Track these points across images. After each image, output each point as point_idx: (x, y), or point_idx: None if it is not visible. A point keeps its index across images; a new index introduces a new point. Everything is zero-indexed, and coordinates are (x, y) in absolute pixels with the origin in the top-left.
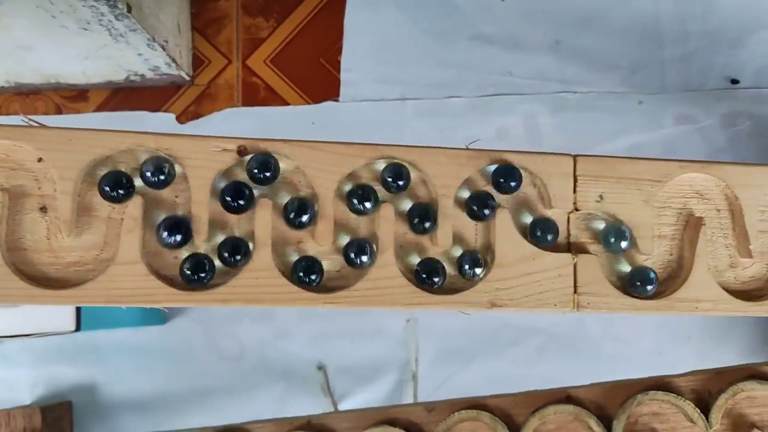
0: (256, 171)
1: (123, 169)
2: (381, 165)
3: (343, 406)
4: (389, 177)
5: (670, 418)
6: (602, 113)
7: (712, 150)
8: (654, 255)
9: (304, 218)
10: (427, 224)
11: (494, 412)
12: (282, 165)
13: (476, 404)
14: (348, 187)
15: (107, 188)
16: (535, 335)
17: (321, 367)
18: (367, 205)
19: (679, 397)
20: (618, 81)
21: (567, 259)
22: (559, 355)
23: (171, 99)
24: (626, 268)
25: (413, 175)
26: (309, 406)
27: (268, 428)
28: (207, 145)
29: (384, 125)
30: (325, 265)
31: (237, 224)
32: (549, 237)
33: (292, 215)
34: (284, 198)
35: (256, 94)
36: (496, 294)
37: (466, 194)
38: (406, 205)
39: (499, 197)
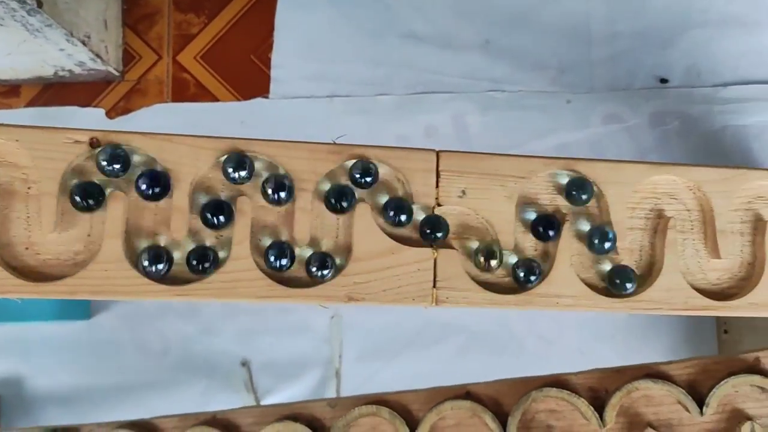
0: (105, 163)
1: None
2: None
3: (266, 403)
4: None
5: (567, 415)
6: (531, 112)
7: (640, 149)
8: (520, 250)
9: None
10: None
11: (395, 408)
12: (137, 158)
13: (378, 400)
14: (206, 180)
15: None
16: (458, 333)
17: (245, 364)
18: (223, 196)
19: (573, 394)
20: (547, 80)
21: (427, 253)
22: (482, 352)
23: (101, 94)
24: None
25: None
26: (232, 402)
27: (173, 423)
28: (59, 136)
29: (313, 122)
30: (178, 256)
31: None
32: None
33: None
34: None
35: (185, 90)
36: (354, 288)
37: (327, 188)
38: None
39: (361, 192)
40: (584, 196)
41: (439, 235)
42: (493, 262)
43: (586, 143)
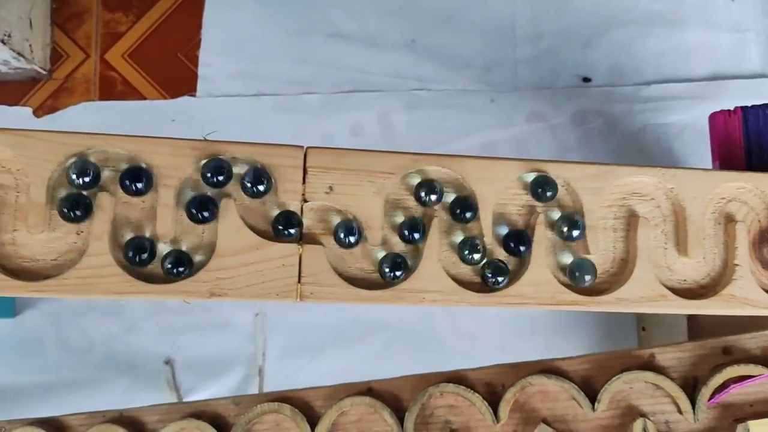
0: None
1: None
2: (102, 155)
3: (188, 401)
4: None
5: (465, 411)
6: (456, 111)
7: (563, 147)
8: (389, 245)
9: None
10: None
11: (297, 405)
12: None
13: (280, 397)
14: (65, 176)
15: None
16: (382, 330)
17: (168, 362)
18: (84, 193)
19: (468, 389)
20: (472, 79)
21: (293, 249)
22: (405, 349)
23: (29, 93)
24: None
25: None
26: (154, 400)
27: (80, 420)
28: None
29: (240, 121)
30: (44, 253)
31: None
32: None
33: None
34: None
35: (113, 89)
36: (217, 283)
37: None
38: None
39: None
40: (453, 195)
41: (292, 231)
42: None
43: (510, 142)
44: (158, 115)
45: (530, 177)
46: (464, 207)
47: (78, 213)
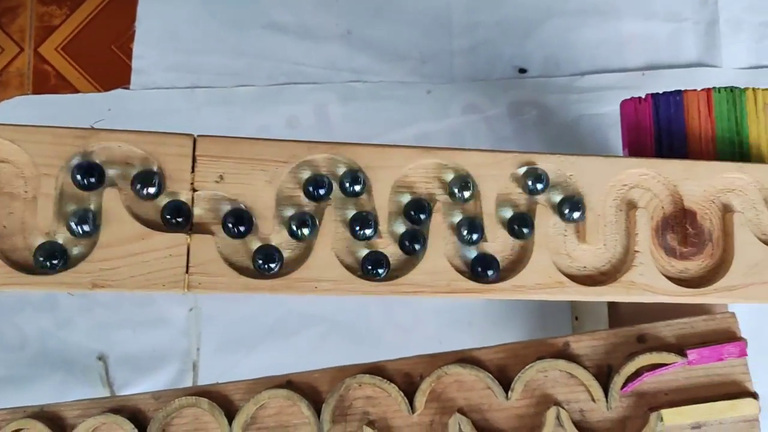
0: None
1: None
2: None
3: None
4: None
5: (382, 401)
6: (391, 102)
7: (498, 138)
8: (285, 235)
9: None
10: None
11: (216, 399)
12: None
13: (200, 391)
14: None
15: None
16: (318, 323)
17: (101, 357)
18: None
19: (385, 380)
20: (407, 71)
21: (180, 239)
22: (341, 342)
23: None
24: (252, 247)
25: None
26: (87, 396)
27: (2, 416)
28: None
29: (174, 113)
30: None
31: None
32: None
33: None
34: None
35: (46, 82)
36: (100, 274)
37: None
38: None
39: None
40: (347, 183)
41: (181, 221)
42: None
43: (445, 133)
44: (91, 109)
45: (431, 165)
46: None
47: None
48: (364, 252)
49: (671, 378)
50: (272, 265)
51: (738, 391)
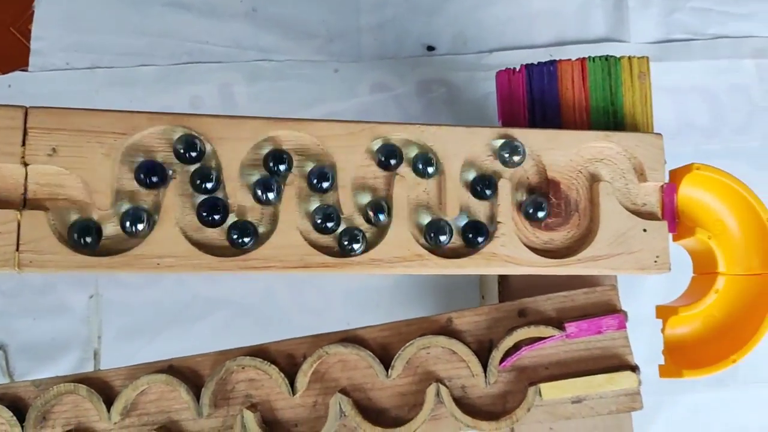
0: None
1: None
2: None
3: None
4: None
5: (265, 384)
6: (298, 82)
7: (407, 117)
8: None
9: None
10: None
11: (96, 385)
12: None
13: (81, 378)
14: None
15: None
16: (224, 307)
17: (0, 347)
18: None
19: (265, 362)
20: (314, 49)
21: (10, 215)
22: (248, 327)
23: None
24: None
25: None
26: None
27: None
28: None
29: (73, 95)
30: None
31: None
32: None
33: None
34: None
35: None
36: None
37: None
38: None
39: None
40: (193, 154)
41: (10, 197)
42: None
43: (353, 112)
44: None
45: (284, 137)
46: (205, 175)
47: None
48: (214, 229)
49: (552, 352)
50: (88, 239)
51: (619, 364)
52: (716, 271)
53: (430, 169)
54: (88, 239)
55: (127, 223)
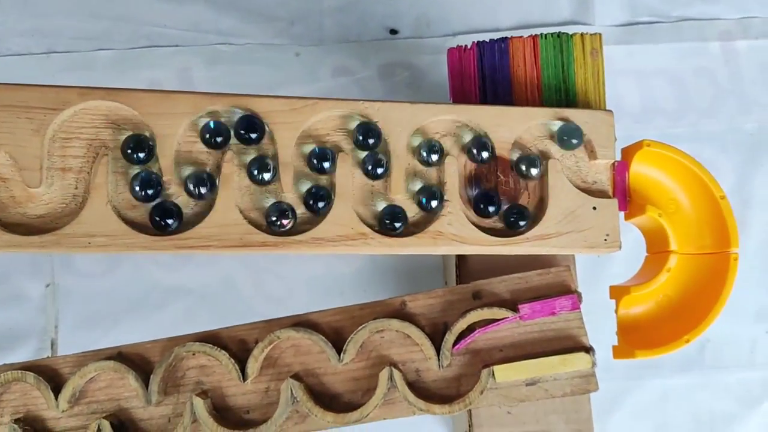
0: None
1: None
2: None
3: None
4: None
5: (216, 370)
6: (258, 65)
7: None
8: (55, 189)
9: None
10: None
11: (45, 373)
12: None
13: (29, 366)
14: None
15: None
16: (184, 297)
17: None
18: None
19: (215, 348)
20: (275, 33)
21: None
22: (209, 316)
23: None
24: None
25: None
26: None
27: None
28: None
29: (30, 80)
30: None
31: None
32: None
33: None
34: None
35: None
36: None
37: None
38: None
39: None
40: (127, 127)
41: None
42: None
43: (315, 96)
44: None
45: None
46: (139, 144)
47: None
48: (147, 205)
49: (506, 334)
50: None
51: (573, 345)
52: (668, 249)
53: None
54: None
55: (59, 200)
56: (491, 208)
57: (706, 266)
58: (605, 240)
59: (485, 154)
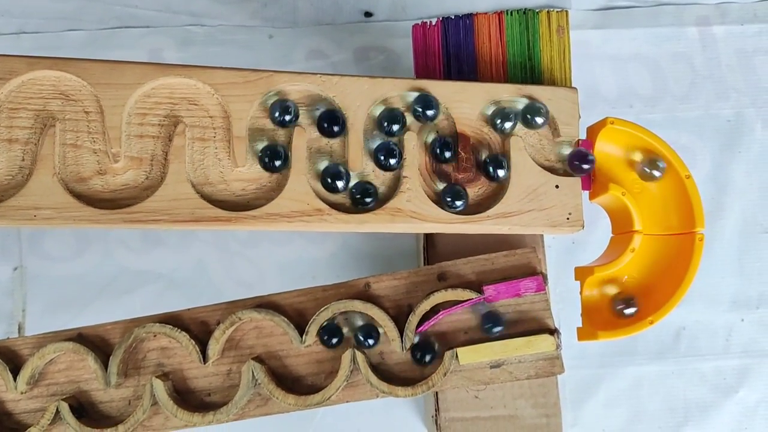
0: None
1: None
2: None
3: None
4: None
5: (178, 352)
6: (231, 47)
7: None
8: (1, 160)
9: None
10: None
11: (3, 354)
12: None
13: None
14: None
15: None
16: (153, 281)
17: None
18: None
19: (175, 329)
20: (249, 14)
21: None
22: (179, 300)
23: None
24: None
25: None
26: None
27: None
28: None
29: None
30: None
31: None
32: None
33: None
34: None
35: None
36: None
37: None
38: None
39: None
40: (74, 99)
41: None
42: None
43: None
44: None
45: (177, 84)
46: (88, 116)
47: None
48: (97, 181)
49: (471, 316)
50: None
51: (538, 327)
52: (633, 229)
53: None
54: None
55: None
56: (458, 203)
57: (672, 247)
58: (568, 218)
59: (447, 131)
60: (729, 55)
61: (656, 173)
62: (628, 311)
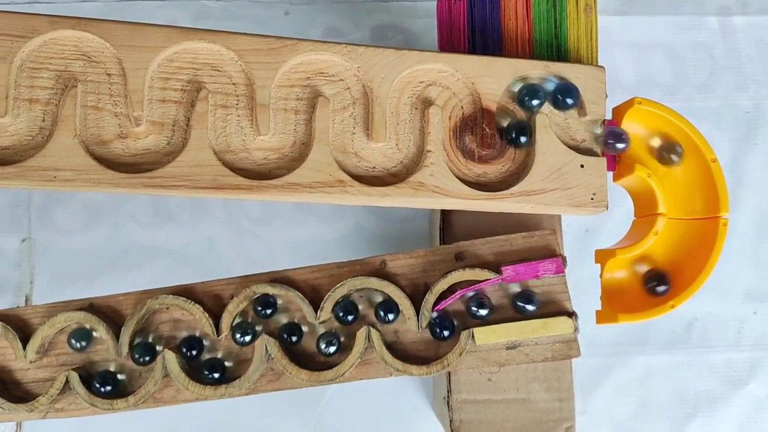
0: None
1: None
2: None
3: None
4: None
5: (190, 325)
6: (246, 23)
7: None
8: (21, 120)
9: None
10: None
11: (12, 322)
12: None
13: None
14: None
15: None
16: (164, 257)
17: None
18: None
19: (189, 301)
20: None
21: None
22: (188, 277)
23: None
24: None
25: None
26: None
27: None
28: None
29: None
30: None
31: None
32: None
33: None
34: None
35: None
36: None
37: None
38: None
39: None
40: (96, 60)
41: None
42: None
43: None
44: None
45: (197, 49)
46: (110, 78)
47: None
48: (118, 144)
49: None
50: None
51: (556, 310)
52: (657, 212)
53: (355, 93)
54: None
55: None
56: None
57: (695, 231)
58: (592, 199)
59: (472, 107)
60: (749, 45)
61: (674, 157)
62: (660, 288)
